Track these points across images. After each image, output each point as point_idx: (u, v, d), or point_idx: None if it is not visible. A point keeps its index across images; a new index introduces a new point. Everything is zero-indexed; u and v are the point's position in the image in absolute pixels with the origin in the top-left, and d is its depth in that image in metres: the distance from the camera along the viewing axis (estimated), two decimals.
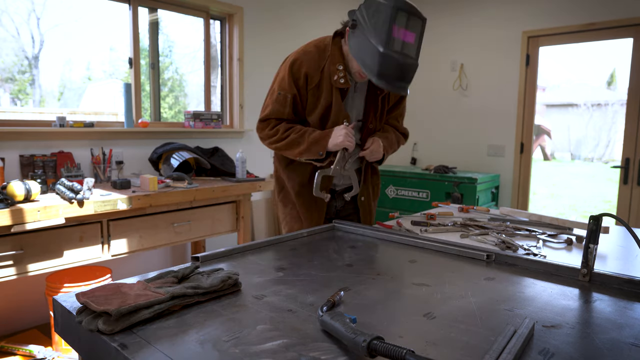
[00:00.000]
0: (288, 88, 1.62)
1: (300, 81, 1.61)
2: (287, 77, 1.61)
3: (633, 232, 1.01)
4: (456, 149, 4.65)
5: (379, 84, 1.45)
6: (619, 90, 14.31)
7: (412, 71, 1.47)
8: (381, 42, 1.40)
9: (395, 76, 1.44)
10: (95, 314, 0.75)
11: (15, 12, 2.79)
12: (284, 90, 1.63)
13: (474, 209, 1.99)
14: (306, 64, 1.60)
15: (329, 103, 1.62)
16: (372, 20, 1.42)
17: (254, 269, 1.08)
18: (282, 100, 1.64)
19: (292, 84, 1.61)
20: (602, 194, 9.34)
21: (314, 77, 1.60)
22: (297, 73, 1.60)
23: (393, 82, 1.45)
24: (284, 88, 1.63)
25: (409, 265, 1.13)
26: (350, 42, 1.51)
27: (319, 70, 1.60)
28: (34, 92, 3.19)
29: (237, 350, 0.67)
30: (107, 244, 2.28)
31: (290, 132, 1.64)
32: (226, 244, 3.54)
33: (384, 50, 1.39)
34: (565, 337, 0.74)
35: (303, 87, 1.62)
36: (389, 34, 1.39)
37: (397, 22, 1.39)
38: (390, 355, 0.62)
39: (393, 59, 1.41)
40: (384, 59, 1.41)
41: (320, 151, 1.61)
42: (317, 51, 1.62)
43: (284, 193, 1.83)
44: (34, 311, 2.65)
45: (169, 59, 3.62)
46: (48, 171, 2.50)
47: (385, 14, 1.40)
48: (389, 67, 1.42)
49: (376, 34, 1.41)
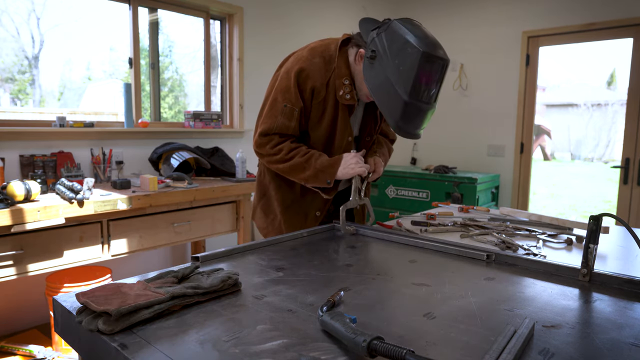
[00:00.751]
0: (295, 100, 1.48)
1: (306, 94, 1.48)
2: (294, 89, 1.47)
3: (633, 232, 1.01)
4: (456, 149, 4.65)
5: (399, 132, 1.38)
6: (619, 90, 14.32)
7: (430, 116, 1.40)
8: (406, 91, 1.30)
9: (414, 124, 1.37)
10: (95, 314, 0.76)
11: (15, 12, 2.79)
12: (290, 102, 1.48)
13: (474, 209, 1.99)
14: (313, 77, 1.47)
15: (334, 118, 1.52)
16: (395, 59, 1.30)
17: (254, 269, 1.08)
18: (288, 113, 1.49)
19: (299, 96, 1.48)
20: (602, 194, 9.35)
21: (320, 92, 1.48)
22: (304, 85, 1.47)
23: (412, 130, 1.38)
24: (290, 100, 1.48)
25: (409, 265, 1.13)
26: (366, 72, 1.39)
27: (324, 84, 1.48)
28: (34, 92, 3.20)
29: (237, 350, 0.67)
30: (107, 244, 2.28)
31: (295, 154, 1.50)
32: (226, 244, 3.54)
33: (408, 99, 1.30)
34: (565, 337, 0.74)
35: (308, 100, 1.49)
36: (415, 83, 1.29)
37: (427, 69, 1.29)
38: (390, 355, 0.62)
39: (416, 108, 1.33)
40: (408, 109, 1.32)
41: (329, 179, 1.49)
42: (323, 62, 1.49)
43: (266, 201, 1.71)
44: (34, 311, 2.65)
45: (169, 59, 3.62)
46: (48, 171, 2.50)
47: (412, 58, 1.27)
48: (411, 116, 1.34)
49: (400, 79, 1.30)
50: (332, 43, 1.53)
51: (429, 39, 1.30)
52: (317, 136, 1.54)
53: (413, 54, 1.27)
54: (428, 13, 4.75)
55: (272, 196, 1.68)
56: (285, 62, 1.58)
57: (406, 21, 1.35)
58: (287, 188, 1.65)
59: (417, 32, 1.30)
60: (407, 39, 1.29)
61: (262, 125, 1.53)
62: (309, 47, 1.54)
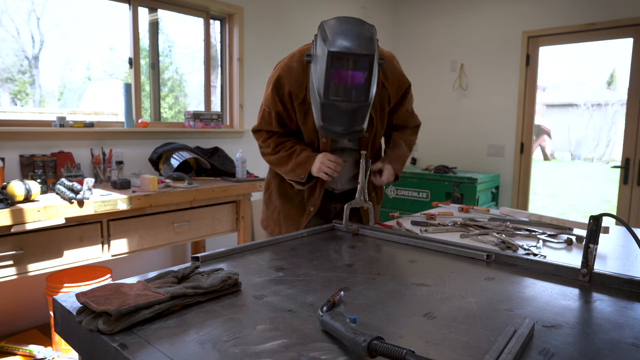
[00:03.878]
0: (272, 105, 1.61)
1: (285, 98, 1.58)
2: (271, 94, 1.60)
3: (633, 232, 1.01)
4: (456, 149, 4.65)
5: (323, 133, 1.41)
6: (619, 90, 14.32)
7: (361, 114, 1.37)
8: (320, 93, 1.32)
9: (340, 123, 1.37)
10: (95, 314, 0.76)
11: (15, 12, 2.79)
12: (269, 107, 1.63)
13: (474, 209, 1.99)
14: (288, 82, 1.56)
15: None
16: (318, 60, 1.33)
17: (253, 269, 1.08)
18: (267, 117, 1.65)
19: (277, 101, 1.59)
20: (602, 194, 9.34)
21: (298, 95, 1.57)
22: (281, 91, 1.58)
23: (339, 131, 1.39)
24: (269, 105, 1.63)
25: (409, 265, 1.13)
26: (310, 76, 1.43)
27: (302, 87, 1.56)
28: (34, 92, 3.20)
29: (237, 350, 0.67)
30: (107, 244, 2.28)
31: (281, 148, 1.64)
32: (226, 244, 3.54)
33: (324, 100, 1.32)
34: (565, 337, 0.74)
35: (289, 103, 1.59)
36: (327, 82, 1.30)
37: (337, 67, 1.29)
38: (390, 355, 0.62)
39: (334, 107, 1.33)
40: (325, 109, 1.34)
41: (303, 175, 1.59)
42: (300, 67, 1.55)
43: (269, 194, 1.80)
44: (34, 311, 2.65)
45: (169, 59, 3.62)
46: (48, 171, 2.50)
47: (324, 59, 1.29)
48: (331, 115, 1.35)
49: (317, 80, 1.34)
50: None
51: (342, 36, 1.29)
52: (307, 132, 1.64)
53: (324, 55, 1.29)
54: (428, 13, 4.75)
55: (274, 189, 1.78)
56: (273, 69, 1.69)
57: (334, 19, 1.36)
58: (287, 182, 1.73)
59: (336, 30, 1.30)
60: (325, 39, 1.30)
61: (255, 124, 1.73)
62: (292, 53, 1.62)
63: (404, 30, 4.96)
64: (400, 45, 4.98)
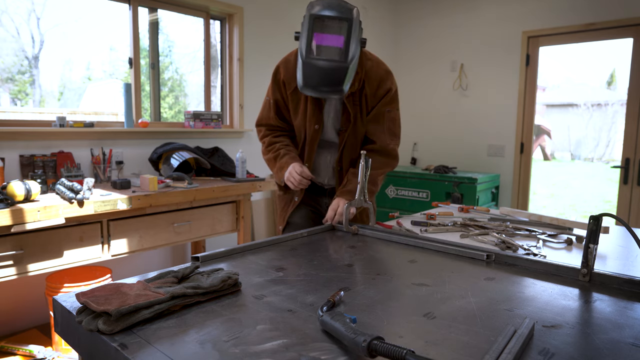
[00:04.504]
0: (271, 94, 1.76)
1: (281, 86, 1.73)
2: (271, 83, 1.76)
3: (633, 232, 1.01)
4: (456, 149, 4.65)
5: (304, 91, 1.49)
6: (619, 90, 14.32)
7: (339, 73, 1.45)
8: (302, 52, 1.45)
9: (319, 82, 1.45)
10: (95, 314, 0.76)
11: (15, 12, 2.79)
12: (269, 95, 1.79)
13: (474, 209, 1.99)
14: (284, 71, 1.71)
15: (305, 108, 1.71)
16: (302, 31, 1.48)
17: (254, 269, 1.08)
18: (267, 105, 1.80)
19: (276, 89, 1.74)
20: (602, 194, 9.34)
21: (291, 83, 1.70)
22: (277, 78, 1.73)
23: (318, 88, 1.47)
24: (268, 94, 1.78)
25: (409, 265, 1.13)
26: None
27: (295, 77, 1.67)
28: (34, 92, 3.20)
29: (237, 350, 0.67)
30: (107, 244, 2.28)
31: (271, 149, 1.78)
32: (226, 244, 3.54)
33: (305, 59, 1.44)
34: (565, 337, 0.74)
35: (283, 91, 1.74)
36: (308, 43, 1.44)
37: (317, 29, 1.43)
38: (390, 355, 0.62)
39: (313, 66, 1.43)
40: (306, 68, 1.44)
41: (281, 179, 1.73)
42: (295, 59, 1.69)
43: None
44: (34, 311, 2.65)
45: (169, 59, 3.62)
46: (48, 171, 2.50)
47: (306, 22, 1.45)
48: (311, 74, 1.45)
49: (300, 45, 1.47)
50: None
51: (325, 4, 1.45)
52: (297, 125, 1.77)
53: (306, 19, 1.45)
54: (428, 13, 4.75)
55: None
56: None
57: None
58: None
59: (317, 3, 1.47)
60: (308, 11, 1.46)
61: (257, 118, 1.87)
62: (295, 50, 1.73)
63: (404, 31, 4.96)
64: (401, 46, 4.98)
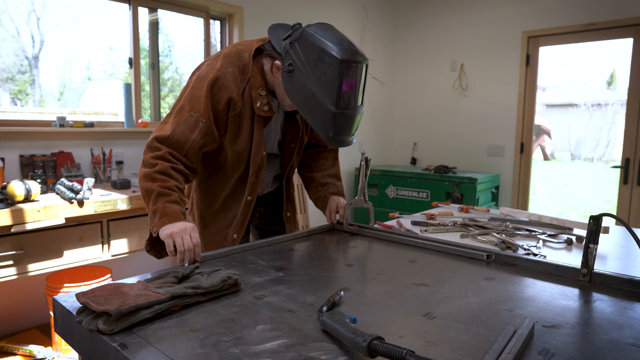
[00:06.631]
0: (203, 111, 1.33)
1: (221, 105, 1.35)
2: (204, 99, 1.33)
3: (633, 232, 1.01)
4: (456, 149, 4.65)
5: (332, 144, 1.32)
6: (619, 90, 14.33)
7: (360, 119, 1.36)
8: (333, 102, 1.26)
9: (345, 132, 1.33)
10: (95, 314, 0.76)
11: (15, 12, 2.79)
12: (197, 112, 1.33)
13: (474, 209, 1.99)
14: (228, 87, 1.35)
15: (251, 132, 1.42)
16: (315, 70, 1.26)
17: (254, 269, 1.08)
18: (192, 124, 1.33)
19: (210, 107, 1.34)
20: (602, 194, 9.34)
21: (237, 104, 1.37)
22: (218, 95, 1.34)
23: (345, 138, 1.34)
24: (198, 110, 1.33)
25: (409, 265, 1.13)
26: (287, 85, 1.34)
27: (240, 95, 1.38)
28: (34, 92, 3.20)
29: (237, 350, 0.67)
30: (107, 244, 2.28)
31: (160, 179, 1.28)
32: None
33: (336, 110, 1.27)
34: (565, 337, 0.74)
35: (224, 112, 1.37)
36: (340, 92, 1.26)
37: (348, 75, 1.26)
38: (391, 355, 0.62)
39: (345, 116, 1.29)
40: (337, 119, 1.28)
41: (156, 227, 1.23)
42: (237, 72, 1.38)
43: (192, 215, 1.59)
44: (34, 311, 2.65)
45: (168, 59, 3.62)
46: (48, 171, 2.50)
47: (332, 68, 1.24)
48: (342, 125, 1.31)
49: (325, 91, 1.27)
50: (245, 51, 1.43)
51: (345, 43, 1.27)
52: (236, 151, 1.43)
53: (332, 63, 1.24)
54: (428, 13, 4.75)
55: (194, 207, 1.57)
56: (197, 70, 1.44)
57: (318, 27, 1.31)
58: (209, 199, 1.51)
59: (331, 39, 1.27)
60: (323, 48, 1.25)
61: (161, 131, 1.36)
62: (223, 54, 1.42)
63: (404, 31, 4.96)
64: (400, 45, 4.98)
